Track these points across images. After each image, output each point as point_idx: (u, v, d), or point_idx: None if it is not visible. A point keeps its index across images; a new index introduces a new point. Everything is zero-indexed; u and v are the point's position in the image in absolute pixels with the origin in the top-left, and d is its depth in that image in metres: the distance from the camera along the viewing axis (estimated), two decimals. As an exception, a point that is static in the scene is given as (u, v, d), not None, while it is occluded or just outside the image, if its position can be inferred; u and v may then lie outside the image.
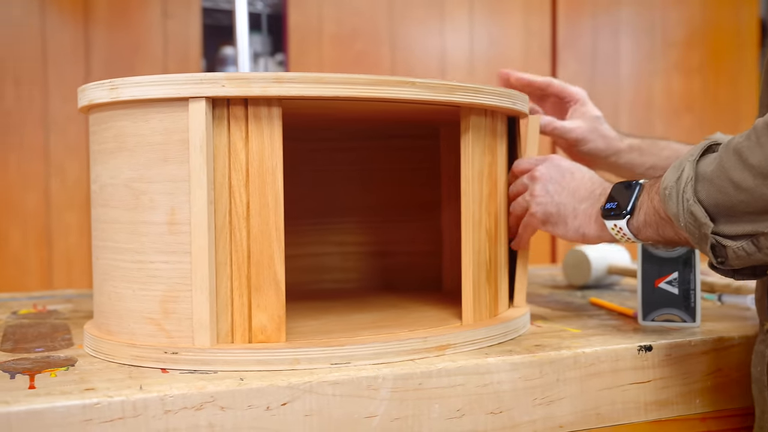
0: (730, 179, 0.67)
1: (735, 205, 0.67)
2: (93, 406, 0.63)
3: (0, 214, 2.11)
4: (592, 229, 0.85)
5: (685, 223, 0.71)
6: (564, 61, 2.80)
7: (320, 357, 0.72)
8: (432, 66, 2.62)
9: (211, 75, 0.71)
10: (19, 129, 2.12)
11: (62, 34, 2.16)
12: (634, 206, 0.79)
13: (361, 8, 2.53)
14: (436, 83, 0.77)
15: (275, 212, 0.74)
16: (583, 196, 0.86)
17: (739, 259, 0.70)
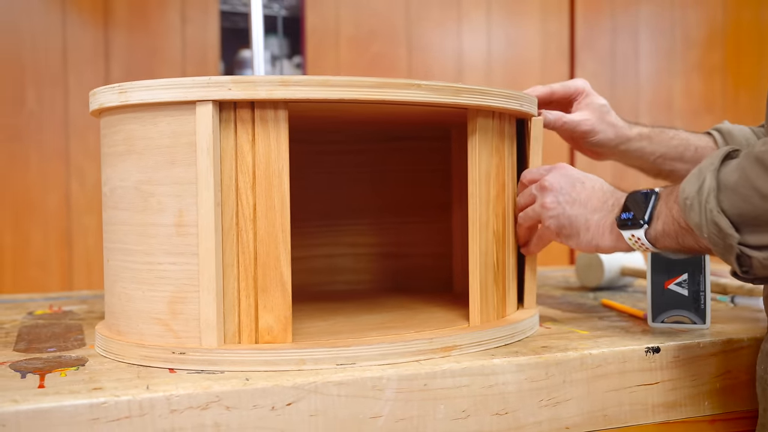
0: (755, 188, 0.66)
1: (760, 215, 0.66)
2: (100, 405, 0.64)
3: (22, 215, 2.14)
4: (606, 240, 0.83)
5: (708, 234, 0.70)
6: (582, 62, 2.79)
7: (326, 357, 0.73)
8: (449, 67, 2.62)
9: (217, 78, 0.72)
10: (40, 131, 2.15)
11: (82, 37, 2.19)
12: (651, 216, 0.78)
13: (378, 10, 2.54)
14: (442, 85, 0.77)
15: (282, 214, 0.74)
16: (595, 207, 0.85)
17: (765, 269, 0.69)
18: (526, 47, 2.73)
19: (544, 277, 1.45)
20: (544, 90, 1.04)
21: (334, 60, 2.49)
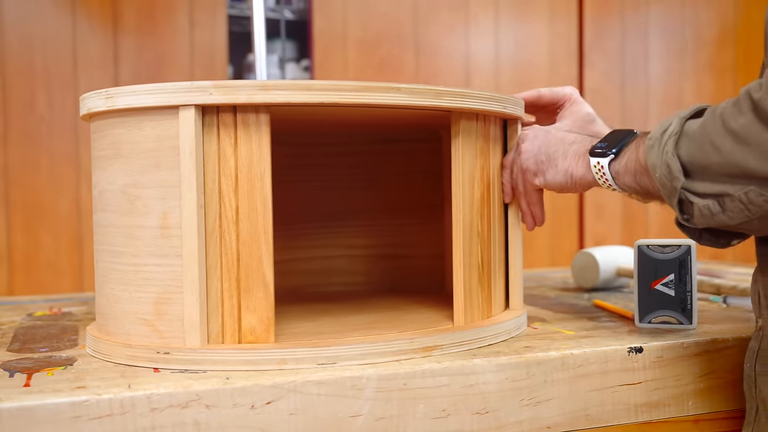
0: (711, 141, 0.69)
1: (710, 166, 0.69)
2: (82, 403, 0.65)
3: (33, 219, 2.17)
4: (579, 168, 0.86)
5: (660, 174, 0.73)
6: (592, 62, 2.79)
7: (307, 357, 0.74)
8: (457, 70, 2.63)
9: (199, 83, 0.73)
10: (51, 135, 2.18)
11: (92, 42, 2.22)
12: (620, 149, 0.82)
13: (385, 13, 2.55)
14: (422, 88, 0.78)
15: (264, 216, 0.76)
16: (572, 141, 0.88)
17: (703, 218, 0.72)
18: (534, 49, 2.73)
19: (543, 278, 1.45)
20: (531, 94, 1.05)
21: (341, 63, 2.50)
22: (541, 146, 0.88)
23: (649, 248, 0.92)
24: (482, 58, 2.66)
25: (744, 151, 0.66)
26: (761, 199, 0.66)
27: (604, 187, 0.83)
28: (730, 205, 0.69)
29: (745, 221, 0.69)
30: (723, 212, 0.70)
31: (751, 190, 0.67)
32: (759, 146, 0.65)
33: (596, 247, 1.32)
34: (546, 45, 2.75)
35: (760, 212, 0.67)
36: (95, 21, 2.23)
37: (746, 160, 0.66)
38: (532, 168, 0.88)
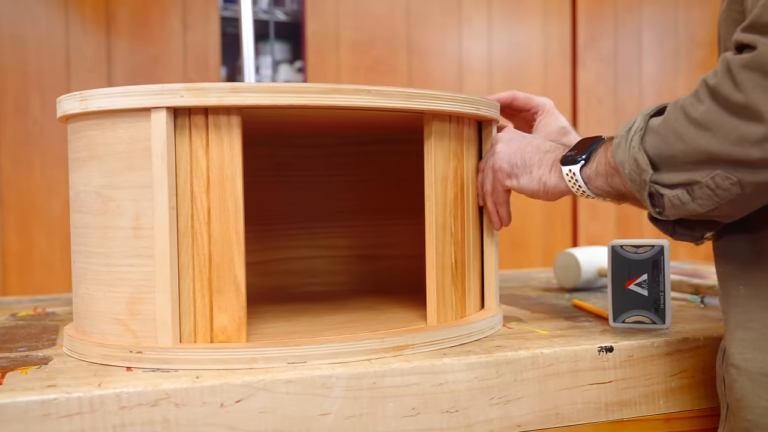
0: (674, 131, 0.70)
1: (675, 155, 0.70)
2: (51, 401, 0.66)
3: (26, 219, 2.18)
4: (552, 177, 0.87)
5: (629, 169, 0.74)
6: (585, 63, 2.79)
7: (277, 356, 0.75)
8: (450, 71, 2.64)
9: (170, 86, 0.74)
10: (44, 137, 2.19)
11: (85, 45, 2.23)
12: (590, 155, 0.83)
13: (378, 14, 2.56)
14: (392, 90, 0.79)
15: (235, 217, 0.77)
16: (547, 149, 0.89)
17: (674, 208, 0.73)
18: (527, 50, 2.74)
19: (528, 278, 1.46)
20: (506, 95, 1.06)
21: (334, 64, 2.51)
22: (517, 150, 0.89)
23: (622, 248, 0.93)
24: (475, 58, 2.67)
25: (706, 136, 0.68)
26: (727, 182, 0.68)
27: (578, 194, 0.84)
28: (698, 192, 0.70)
29: (714, 207, 0.70)
30: (693, 200, 0.71)
31: (717, 174, 0.68)
32: (720, 129, 0.67)
33: (578, 247, 1.33)
34: (539, 46, 2.76)
35: (727, 196, 0.69)
36: (89, 23, 2.24)
37: (709, 144, 0.67)
38: (505, 169, 0.89)
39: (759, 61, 0.64)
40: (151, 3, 2.30)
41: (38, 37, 2.20)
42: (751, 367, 0.73)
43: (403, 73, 2.58)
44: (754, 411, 0.73)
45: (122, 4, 2.27)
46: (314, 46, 2.50)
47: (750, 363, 0.74)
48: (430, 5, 2.61)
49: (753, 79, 0.64)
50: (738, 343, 0.75)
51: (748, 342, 0.74)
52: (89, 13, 2.24)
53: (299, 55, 2.62)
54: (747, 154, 0.65)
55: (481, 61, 2.68)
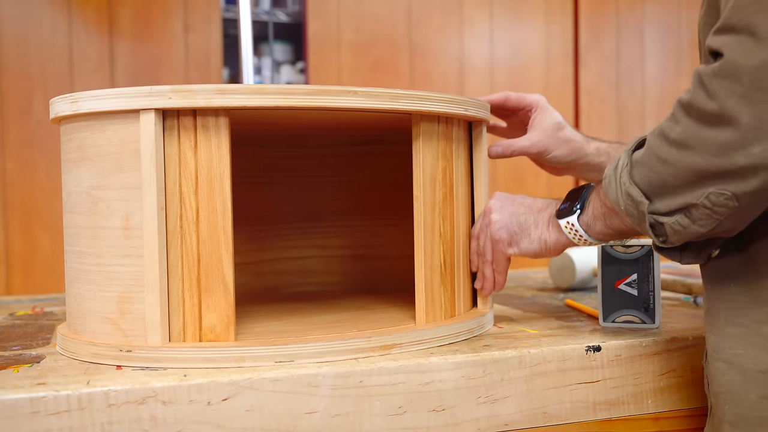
0: (658, 157, 0.70)
1: (665, 181, 0.70)
2: (40, 399, 0.67)
3: (30, 220, 2.20)
4: (552, 234, 0.87)
5: (624, 206, 0.74)
6: (587, 62, 2.79)
7: (265, 355, 0.76)
8: (451, 71, 2.64)
9: (159, 88, 0.75)
10: (48, 139, 2.21)
11: (88, 47, 2.25)
12: (584, 203, 0.84)
13: (379, 15, 2.56)
14: (379, 91, 0.80)
15: (223, 217, 0.77)
16: (540, 207, 0.90)
17: (677, 234, 0.72)
18: (529, 50, 2.74)
19: (524, 278, 1.46)
20: (498, 96, 1.06)
21: (336, 65, 2.52)
22: (512, 216, 0.90)
23: (612, 248, 0.94)
24: (477, 59, 2.68)
25: (689, 154, 0.67)
26: (723, 198, 0.67)
27: (580, 243, 0.85)
28: (696, 214, 0.69)
29: (716, 225, 0.70)
30: (693, 223, 0.70)
31: (711, 192, 0.67)
32: (701, 144, 0.66)
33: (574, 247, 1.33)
34: (541, 46, 2.76)
35: (726, 212, 0.68)
36: (91, 25, 2.26)
37: (694, 162, 0.67)
38: (505, 238, 0.89)
39: (727, 68, 0.64)
40: (153, 5, 2.32)
41: (41, 38, 2.21)
42: (743, 362, 0.73)
43: (405, 74, 2.58)
44: (743, 404, 0.73)
45: (124, 5, 2.29)
46: (316, 46, 2.51)
47: (741, 358, 0.74)
48: (432, 5, 2.62)
49: (725, 86, 0.64)
50: (728, 339, 0.75)
51: (737, 337, 0.74)
52: (92, 14, 2.25)
53: (301, 55, 2.63)
54: (732, 162, 0.65)
55: (483, 62, 2.69)
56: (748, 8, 0.64)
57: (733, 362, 0.74)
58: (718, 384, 0.76)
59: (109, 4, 2.27)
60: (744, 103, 0.63)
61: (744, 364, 0.74)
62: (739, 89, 0.63)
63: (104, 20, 2.27)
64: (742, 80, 0.63)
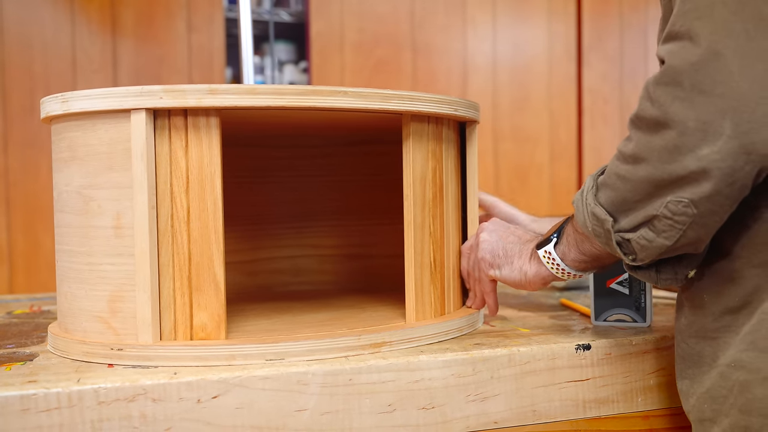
0: (617, 175, 0.72)
1: (625, 197, 0.71)
2: (30, 396, 0.68)
3: (33, 219, 2.21)
4: (532, 266, 0.88)
5: (591, 226, 0.75)
6: (590, 62, 2.79)
7: (255, 353, 0.76)
8: (455, 71, 2.65)
9: (149, 88, 0.75)
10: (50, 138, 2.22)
11: (91, 46, 2.26)
12: (560, 232, 0.85)
13: (382, 15, 2.57)
14: (369, 92, 0.80)
15: (214, 216, 0.78)
16: (528, 239, 0.91)
17: (644, 250, 0.72)
18: (532, 50, 2.74)
19: (521, 278, 1.47)
20: (489, 200, 1.14)
21: (339, 65, 2.53)
22: (500, 240, 0.91)
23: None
24: (480, 58, 2.68)
25: (643, 166, 0.68)
26: (680, 206, 0.67)
27: (559, 274, 0.85)
28: (659, 225, 0.70)
29: (680, 236, 0.69)
30: (657, 236, 0.70)
31: (669, 201, 0.68)
32: (651, 154, 0.67)
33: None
34: (544, 45, 2.76)
35: (686, 220, 0.68)
36: (94, 25, 2.27)
37: (648, 173, 0.68)
38: (488, 259, 0.90)
39: (669, 74, 0.65)
40: (156, 4, 2.33)
41: (44, 38, 2.23)
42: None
43: (408, 73, 2.59)
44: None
45: (127, 5, 2.30)
46: (319, 46, 2.51)
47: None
48: (435, 5, 2.62)
49: (668, 92, 0.65)
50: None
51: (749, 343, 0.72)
52: (95, 14, 2.27)
53: (304, 55, 2.64)
54: (684, 167, 0.65)
55: (486, 61, 2.69)
56: (689, 15, 0.65)
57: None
58: (740, 393, 0.72)
59: (112, 3, 2.28)
60: (687, 107, 0.64)
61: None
62: (681, 93, 0.64)
63: (107, 20, 2.28)
64: (683, 84, 0.64)
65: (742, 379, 0.70)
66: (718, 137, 0.63)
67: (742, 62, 0.63)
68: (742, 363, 0.70)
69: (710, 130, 0.63)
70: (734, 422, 0.71)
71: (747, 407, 0.70)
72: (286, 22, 2.59)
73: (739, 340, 0.71)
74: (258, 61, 2.59)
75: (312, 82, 2.51)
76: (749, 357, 0.70)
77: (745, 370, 0.70)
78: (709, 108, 0.63)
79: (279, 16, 2.58)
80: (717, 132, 0.63)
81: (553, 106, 2.76)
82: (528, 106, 2.70)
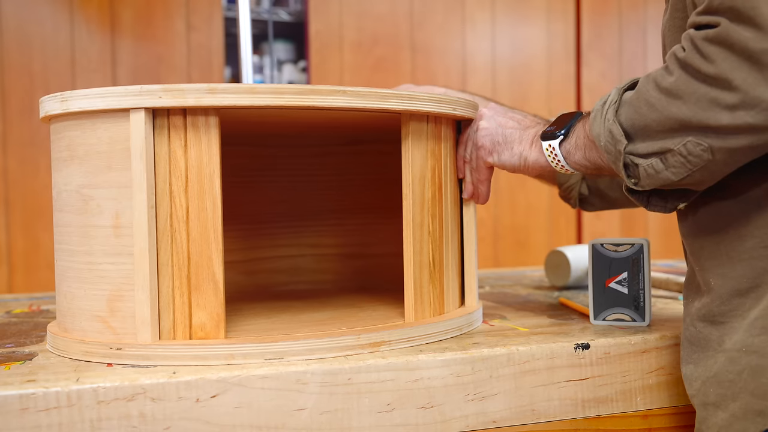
0: (646, 100, 0.72)
1: (648, 124, 0.72)
2: (29, 395, 0.68)
3: (32, 218, 2.21)
4: (533, 153, 0.88)
5: (604, 141, 0.76)
6: (589, 61, 2.79)
7: (254, 352, 0.76)
8: (454, 70, 2.65)
9: (149, 87, 0.75)
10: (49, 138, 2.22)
11: (90, 46, 2.26)
12: (569, 130, 0.85)
13: (381, 14, 2.57)
14: (368, 91, 0.80)
15: (213, 216, 0.78)
16: (527, 125, 0.91)
17: (649, 178, 0.74)
18: (531, 49, 2.74)
19: (520, 277, 1.47)
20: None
21: (338, 64, 2.53)
22: (499, 126, 0.91)
23: (603, 247, 0.94)
24: (479, 57, 2.68)
25: (677, 104, 0.69)
26: (699, 149, 0.69)
27: (558, 168, 0.86)
28: (671, 160, 0.72)
29: (687, 174, 0.72)
30: (666, 168, 0.72)
31: (689, 140, 0.69)
32: (690, 97, 0.68)
33: (569, 245, 1.33)
34: (543, 44, 2.76)
35: (699, 162, 0.70)
36: (93, 24, 2.27)
37: (681, 112, 0.69)
38: (487, 146, 0.90)
39: (723, 36, 0.66)
40: (155, 4, 2.33)
41: (43, 37, 2.22)
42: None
43: (407, 73, 2.59)
44: None
45: (126, 4, 2.30)
46: (318, 45, 2.51)
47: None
48: (434, 4, 2.62)
49: (719, 52, 0.66)
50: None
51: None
52: (94, 13, 2.26)
53: (303, 54, 2.63)
54: (717, 119, 0.67)
55: (485, 60, 2.69)
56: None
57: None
58: (753, 377, 0.72)
59: (111, 3, 2.28)
60: (736, 69, 0.65)
61: None
62: (732, 56, 0.65)
63: (106, 19, 2.28)
64: (734, 49, 0.65)
65: (754, 363, 0.71)
66: (758, 103, 0.65)
67: None
68: (754, 347, 0.71)
69: (752, 95, 0.65)
70: (746, 406, 0.71)
71: (761, 391, 0.71)
72: (285, 21, 2.59)
73: (748, 324, 0.72)
74: (257, 61, 2.59)
75: (311, 81, 2.51)
76: (762, 341, 0.71)
77: (757, 354, 0.71)
78: (756, 76, 0.64)
79: (278, 15, 2.58)
80: (759, 98, 0.65)
81: (552, 105, 2.75)
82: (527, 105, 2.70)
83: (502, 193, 2.72)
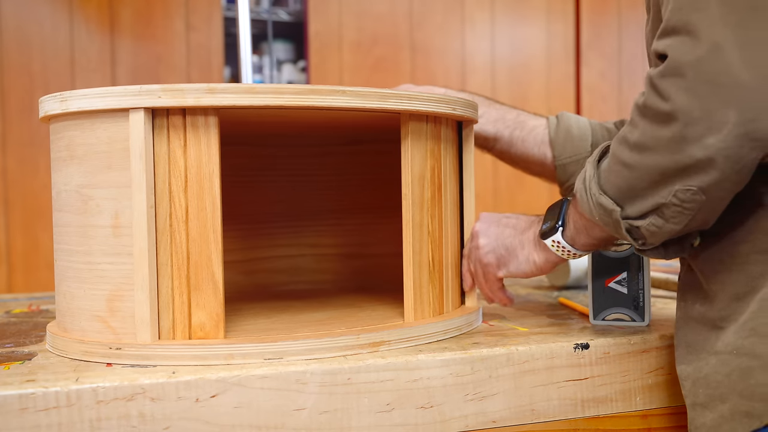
0: (622, 162, 0.72)
1: (632, 185, 0.72)
2: (29, 395, 0.68)
3: (32, 218, 2.21)
4: (540, 254, 0.89)
5: (599, 215, 0.76)
6: (588, 61, 2.79)
7: (254, 352, 0.76)
8: (453, 70, 2.65)
9: (148, 87, 0.75)
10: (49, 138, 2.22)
11: (89, 45, 2.26)
12: (564, 219, 0.85)
13: (381, 14, 2.57)
14: (367, 91, 0.80)
15: (213, 216, 0.78)
16: (523, 228, 0.91)
17: (653, 236, 0.74)
18: (531, 48, 2.74)
19: (520, 277, 1.47)
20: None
21: (337, 64, 2.53)
22: (498, 238, 0.91)
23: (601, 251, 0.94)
24: (478, 57, 2.68)
25: (650, 155, 0.69)
26: (689, 194, 0.69)
27: (570, 257, 0.86)
28: (668, 212, 0.71)
29: (689, 220, 0.71)
30: (667, 222, 0.72)
31: (677, 189, 0.69)
32: (658, 144, 0.68)
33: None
34: (542, 44, 2.76)
35: (695, 206, 0.69)
36: (93, 24, 2.27)
37: (656, 162, 0.69)
38: (493, 262, 0.91)
39: (673, 67, 0.66)
40: (154, 3, 2.33)
41: (43, 37, 2.22)
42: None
43: (406, 73, 2.59)
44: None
45: (126, 4, 2.30)
46: (317, 45, 2.51)
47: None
48: (433, 4, 2.62)
49: (672, 84, 0.66)
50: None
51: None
52: (93, 13, 2.26)
53: (302, 54, 2.63)
54: (690, 156, 0.66)
55: (485, 60, 2.69)
56: (685, 9, 0.66)
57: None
58: (744, 377, 0.72)
59: (110, 2, 2.28)
60: (692, 98, 0.65)
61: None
62: (685, 84, 0.65)
63: (105, 19, 2.28)
64: (687, 76, 0.65)
65: (744, 365, 0.71)
66: (723, 126, 0.64)
67: (742, 53, 0.64)
68: (744, 349, 0.71)
69: (715, 119, 0.64)
70: (734, 407, 0.72)
71: (749, 392, 0.71)
72: (284, 21, 2.59)
73: (738, 326, 0.72)
74: (256, 61, 2.59)
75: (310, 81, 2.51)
76: (751, 343, 0.71)
77: (747, 356, 0.71)
78: (713, 98, 0.64)
79: (277, 15, 2.58)
80: (721, 121, 0.64)
81: (551, 104, 2.76)
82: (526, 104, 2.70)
83: (502, 193, 2.72)
